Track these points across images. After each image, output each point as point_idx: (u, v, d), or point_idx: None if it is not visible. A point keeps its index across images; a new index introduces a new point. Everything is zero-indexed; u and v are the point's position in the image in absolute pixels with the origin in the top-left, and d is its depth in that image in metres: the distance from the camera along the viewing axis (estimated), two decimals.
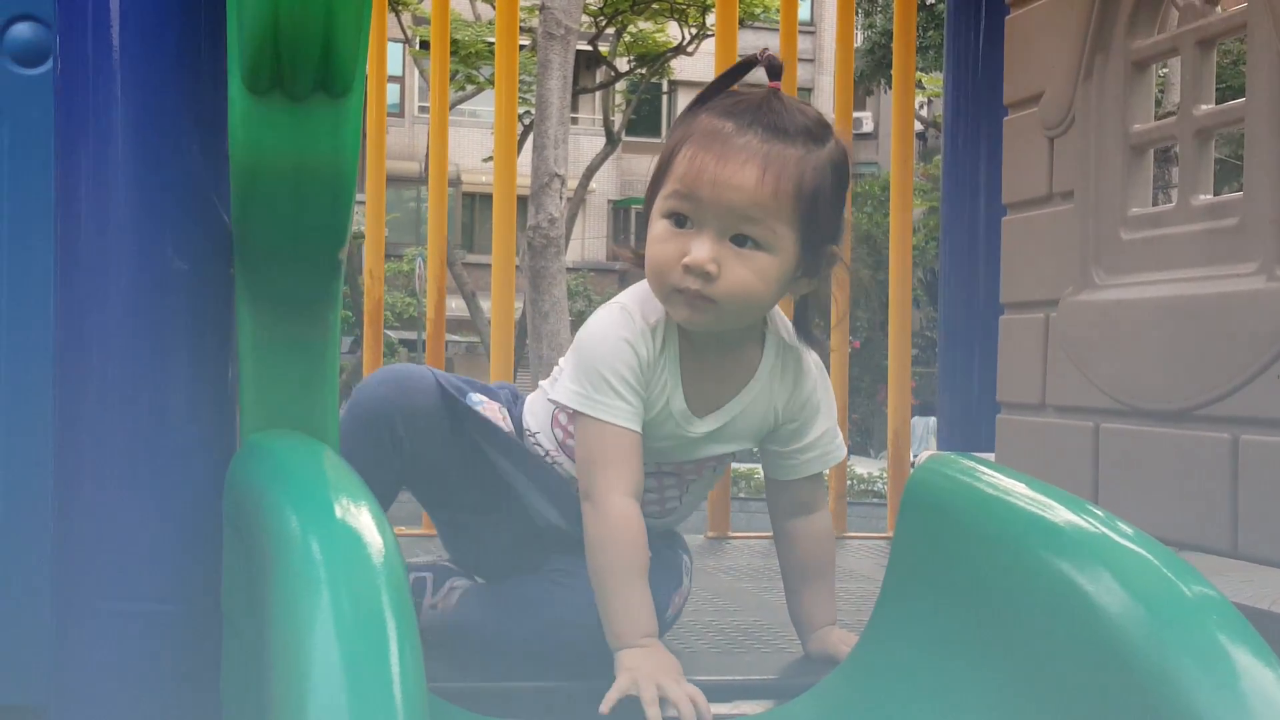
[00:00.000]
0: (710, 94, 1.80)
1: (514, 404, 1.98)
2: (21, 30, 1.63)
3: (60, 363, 1.55)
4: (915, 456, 3.76)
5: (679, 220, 1.69)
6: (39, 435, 1.56)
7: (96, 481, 1.52)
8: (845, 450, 1.91)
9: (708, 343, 1.79)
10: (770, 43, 2.59)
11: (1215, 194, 2.31)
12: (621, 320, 1.77)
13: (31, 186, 1.60)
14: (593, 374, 1.73)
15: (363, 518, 1.16)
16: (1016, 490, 1.40)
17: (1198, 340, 2.18)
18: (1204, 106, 2.27)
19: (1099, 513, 1.32)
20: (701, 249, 1.66)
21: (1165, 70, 11.03)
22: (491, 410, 1.92)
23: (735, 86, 1.85)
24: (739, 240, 1.68)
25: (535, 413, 1.94)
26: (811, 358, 1.89)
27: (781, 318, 1.89)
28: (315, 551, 1.06)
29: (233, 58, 1.34)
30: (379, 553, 1.10)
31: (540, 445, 1.91)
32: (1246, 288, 2.08)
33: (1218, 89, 2.36)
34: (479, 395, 1.93)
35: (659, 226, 1.71)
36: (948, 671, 1.42)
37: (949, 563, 1.44)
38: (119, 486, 1.52)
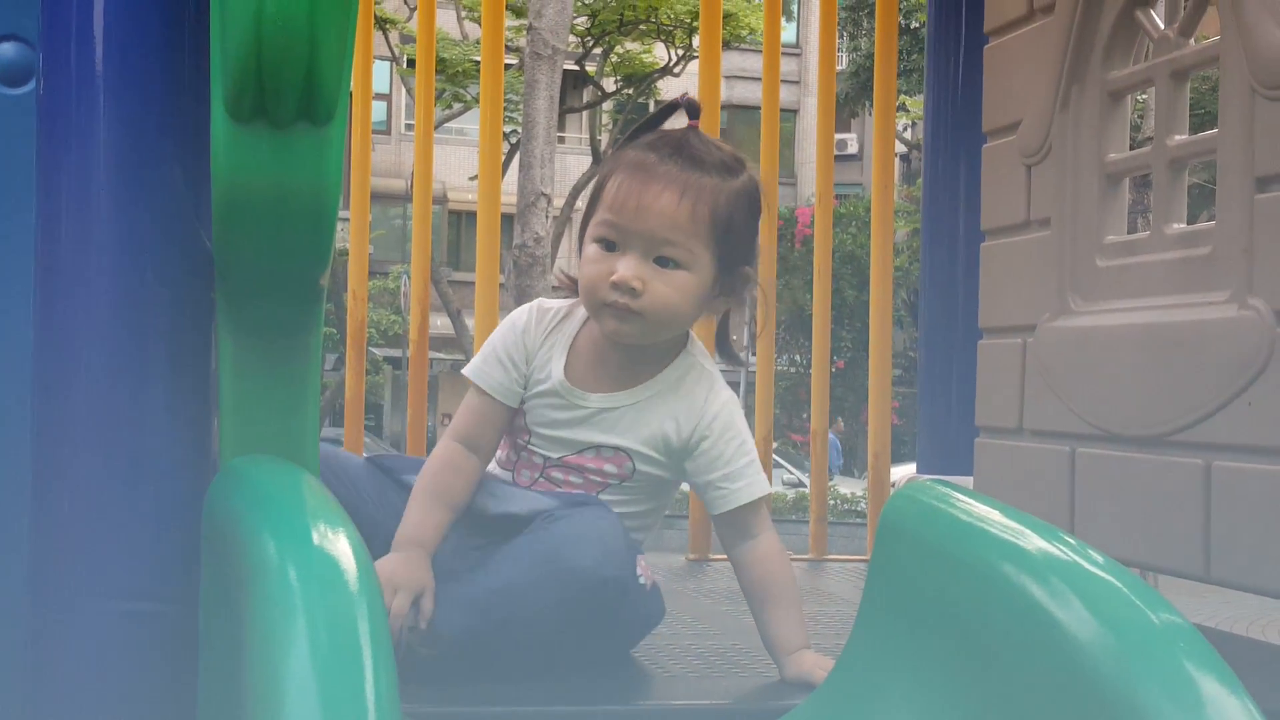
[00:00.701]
0: (637, 134, 1.98)
1: None
2: (5, 50, 1.64)
3: (39, 384, 1.55)
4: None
5: (608, 245, 1.88)
6: (16, 456, 1.56)
7: (73, 503, 1.52)
8: (768, 485, 1.99)
9: (614, 349, 1.94)
10: (753, 64, 2.63)
11: (1191, 220, 2.33)
12: (522, 308, 2.01)
13: (12, 205, 1.61)
14: (484, 349, 1.98)
15: (340, 544, 1.17)
16: (990, 518, 1.42)
17: (1172, 367, 2.20)
18: (1178, 137, 2.30)
19: (1071, 541, 1.34)
20: (628, 268, 1.84)
21: (1145, 96, 11.11)
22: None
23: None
24: (661, 261, 1.86)
25: None
26: (727, 393, 1.98)
27: (702, 347, 2.02)
28: (292, 578, 1.07)
29: (215, 84, 1.35)
30: (356, 580, 1.10)
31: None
32: (1219, 315, 2.11)
33: (1194, 114, 2.39)
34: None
35: (590, 249, 1.89)
36: (922, 697, 1.43)
37: (924, 589, 1.45)
38: (95, 508, 1.52)
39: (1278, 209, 2.03)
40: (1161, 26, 2.35)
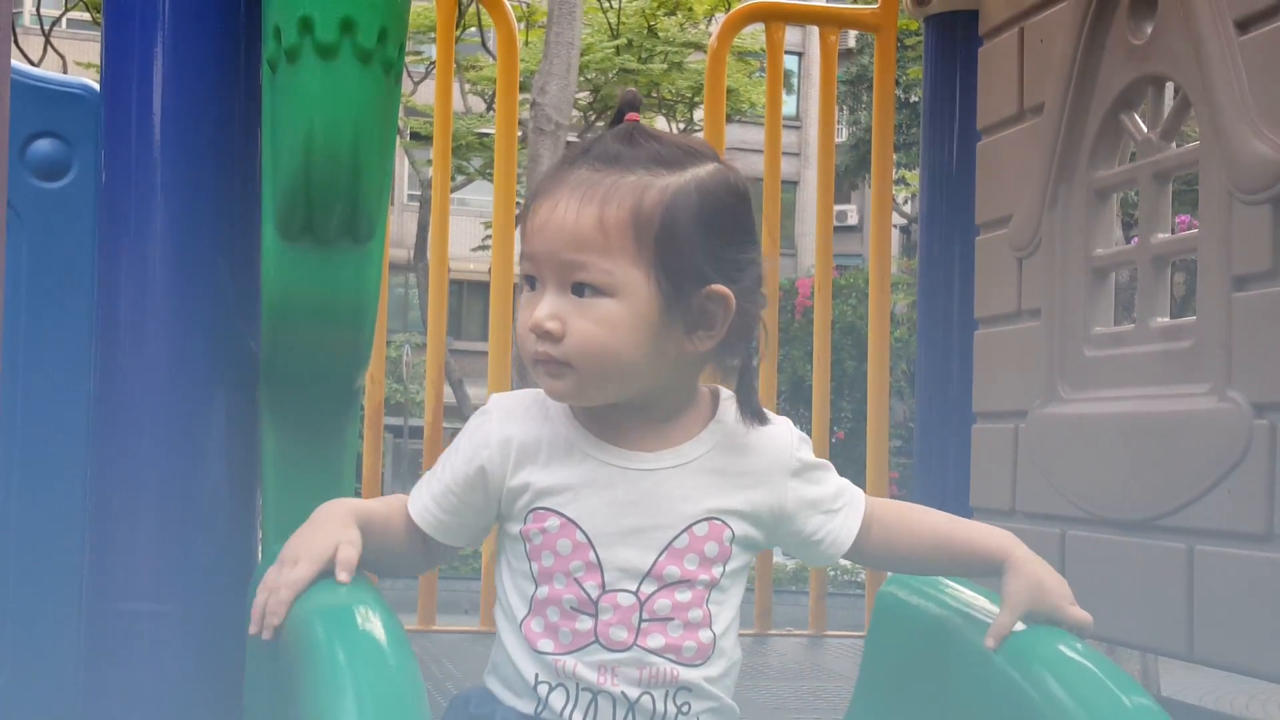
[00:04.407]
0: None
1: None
2: (42, 146, 1.76)
3: (95, 472, 1.65)
4: None
5: (531, 282, 1.43)
6: (67, 552, 1.65)
7: (126, 591, 1.62)
8: (862, 493, 1.56)
9: (614, 412, 1.46)
10: (755, 137, 2.70)
11: (1174, 298, 2.45)
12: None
13: (49, 294, 1.72)
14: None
15: (378, 626, 1.27)
16: (977, 604, 1.52)
17: (1155, 455, 2.31)
18: (1161, 235, 2.42)
19: (1050, 627, 1.44)
20: (541, 308, 1.40)
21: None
22: None
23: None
24: (577, 289, 1.40)
25: (504, 665, 1.43)
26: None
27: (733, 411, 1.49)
28: (341, 659, 1.17)
29: (267, 206, 1.47)
30: (396, 660, 1.21)
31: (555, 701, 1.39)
32: (1200, 407, 2.22)
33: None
34: None
35: (521, 296, 1.45)
36: None
37: (916, 671, 1.55)
38: (145, 595, 1.62)
39: (1254, 306, 2.14)
40: (1145, 130, 2.48)
